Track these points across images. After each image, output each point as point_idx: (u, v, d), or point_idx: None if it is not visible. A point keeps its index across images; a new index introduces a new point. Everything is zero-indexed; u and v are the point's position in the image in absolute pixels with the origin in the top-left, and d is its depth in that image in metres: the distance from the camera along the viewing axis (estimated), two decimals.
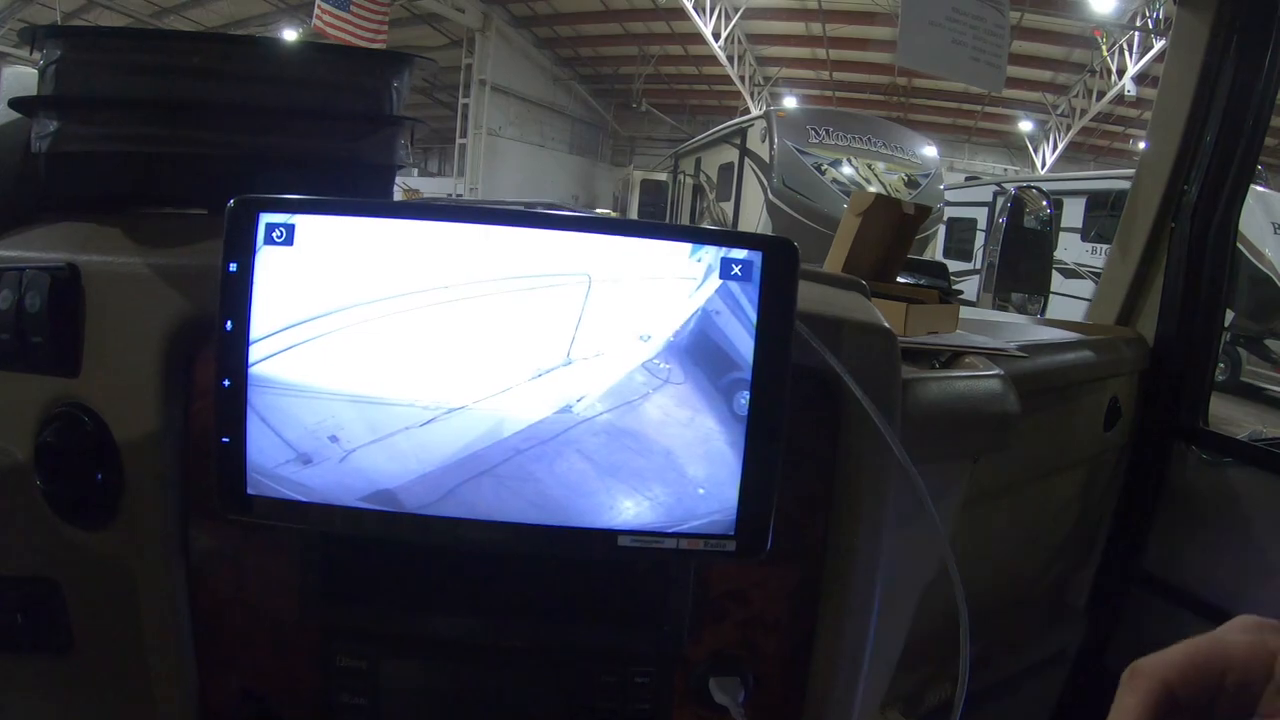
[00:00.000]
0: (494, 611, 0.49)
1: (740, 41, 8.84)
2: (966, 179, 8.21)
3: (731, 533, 0.42)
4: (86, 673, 0.55)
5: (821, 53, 9.06)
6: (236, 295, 0.42)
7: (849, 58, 9.11)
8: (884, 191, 4.45)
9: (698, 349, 0.42)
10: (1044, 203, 1.11)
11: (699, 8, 7.79)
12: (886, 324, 0.51)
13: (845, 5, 7.64)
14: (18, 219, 0.56)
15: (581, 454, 0.42)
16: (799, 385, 0.48)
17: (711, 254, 0.42)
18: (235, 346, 0.42)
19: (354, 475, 0.42)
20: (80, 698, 0.56)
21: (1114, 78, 8.66)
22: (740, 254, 0.42)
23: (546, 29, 9.16)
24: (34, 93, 0.57)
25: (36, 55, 0.55)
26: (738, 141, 6.66)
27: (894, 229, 0.95)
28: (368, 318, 0.41)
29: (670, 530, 0.42)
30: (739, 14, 8.16)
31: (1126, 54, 8.32)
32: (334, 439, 0.42)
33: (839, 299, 0.53)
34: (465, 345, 0.41)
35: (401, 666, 0.49)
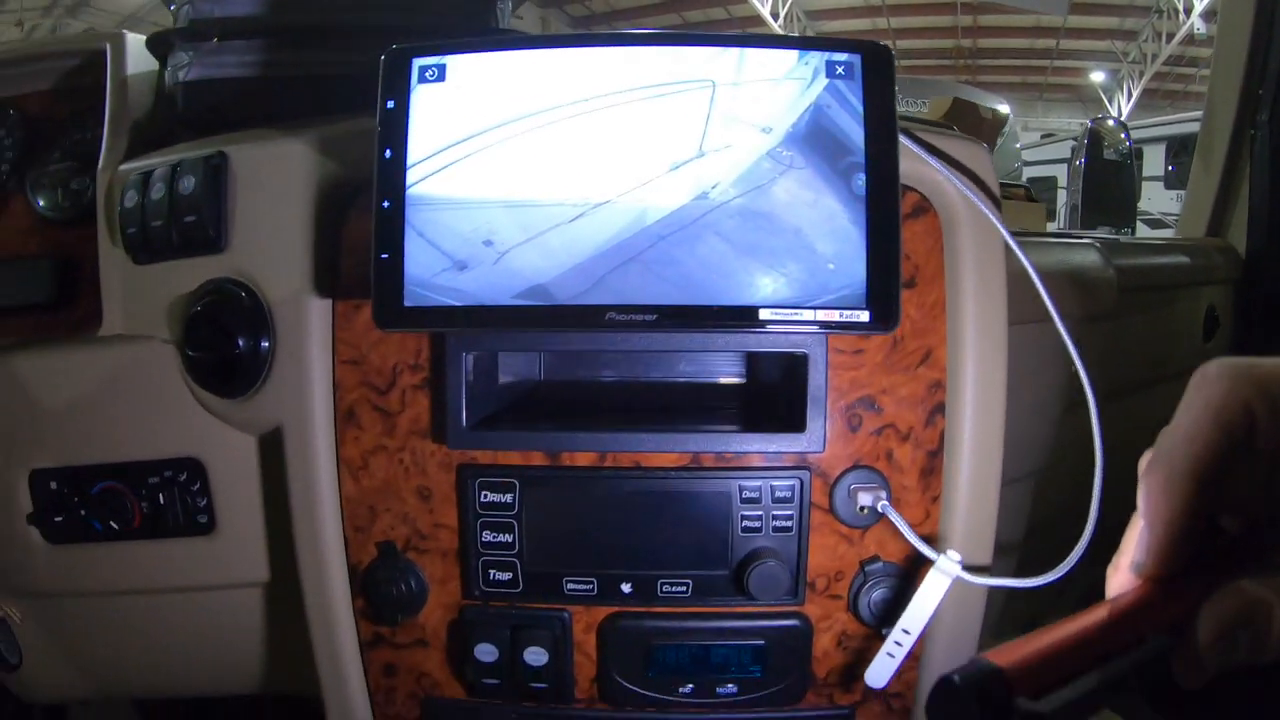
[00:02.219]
0: (635, 425, 0.50)
1: (799, 19, 8.48)
2: (1042, 137, 7.81)
3: (863, 305, 0.45)
4: (229, 553, 0.57)
5: (882, 22, 8.73)
6: (394, 127, 0.46)
7: (910, 25, 8.80)
8: None
9: (815, 138, 0.46)
10: (1122, 135, 1.08)
11: None
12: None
13: None
14: (158, 146, 0.62)
15: (719, 236, 0.45)
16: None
17: (817, 58, 0.46)
18: (394, 171, 0.46)
19: (508, 274, 0.45)
20: (225, 579, 0.57)
21: (1181, 17, 8.20)
22: (841, 56, 0.46)
23: (605, 26, 9.15)
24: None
25: None
26: None
27: (975, 133, 0.97)
28: (516, 133, 0.46)
29: (807, 304, 0.45)
30: None
31: None
32: (488, 243, 0.45)
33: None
34: (606, 147, 0.45)
35: (544, 495, 0.51)
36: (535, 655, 0.52)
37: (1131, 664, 0.23)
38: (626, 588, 0.51)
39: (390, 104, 0.46)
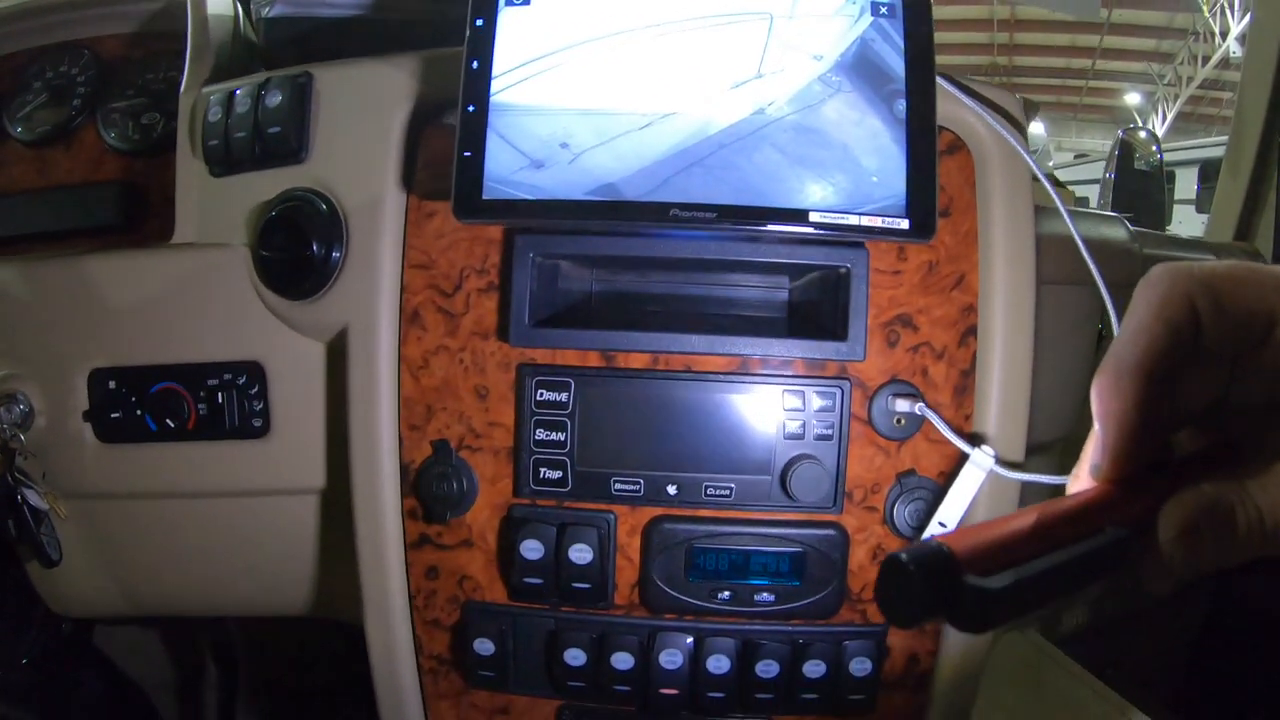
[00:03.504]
0: (687, 328, 0.53)
1: None
2: (1075, 157, 7.66)
3: (904, 214, 0.49)
4: (283, 456, 0.58)
5: None
6: (481, 42, 0.51)
7: (948, 40, 8.72)
8: None
9: (861, 66, 0.51)
10: (1153, 147, 1.07)
11: None
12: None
13: None
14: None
15: (775, 147, 0.49)
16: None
17: None
18: (479, 80, 0.50)
19: (581, 174, 0.49)
20: (277, 484, 0.58)
21: (1218, 40, 8.11)
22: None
23: None
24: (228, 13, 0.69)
25: None
26: None
27: None
28: (592, 51, 0.50)
29: (853, 210, 0.49)
30: None
31: (1229, 13, 7.78)
32: (564, 145, 0.49)
33: None
34: (674, 66, 0.50)
35: (597, 394, 0.53)
36: (580, 553, 0.53)
37: (1088, 551, 0.22)
38: (672, 490, 0.53)
39: (479, 22, 0.51)
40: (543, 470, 0.54)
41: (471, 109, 0.50)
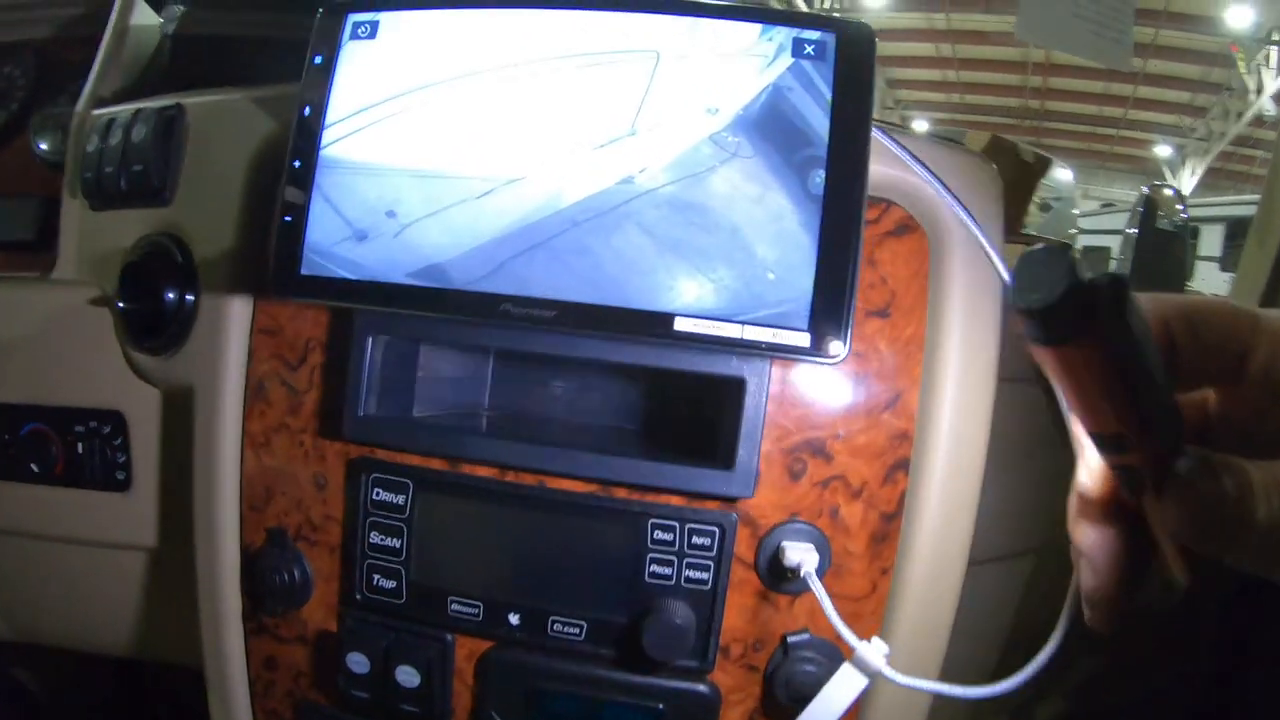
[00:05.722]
0: (541, 439, 0.45)
1: None
2: (1102, 206, 7.55)
3: (805, 325, 0.38)
4: (142, 512, 0.55)
5: (952, 74, 8.71)
6: (317, 84, 0.43)
7: (980, 80, 8.77)
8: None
9: (769, 123, 0.39)
10: (1178, 206, 1.03)
11: None
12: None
13: (975, 25, 7.32)
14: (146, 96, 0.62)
15: (641, 227, 0.39)
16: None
17: (783, 34, 0.40)
18: (310, 130, 0.43)
19: (406, 250, 0.41)
20: (135, 538, 0.55)
21: (1251, 97, 8.00)
22: (813, 35, 0.39)
23: None
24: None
25: None
26: None
27: (1011, 176, 0.89)
28: (436, 97, 0.41)
29: (734, 317, 0.38)
30: None
31: (1265, 71, 7.67)
32: (391, 214, 0.41)
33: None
34: (528, 118, 0.40)
35: (439, 501, 0.46)
36: (407, 676, 0.46)
37: None
38: (514, 618, 0.45)
39: (318, 59, 0.43)
40: (375, 578, 0.47)
41: (298, 164, 0.43)
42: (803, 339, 0.38)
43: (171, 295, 0.50)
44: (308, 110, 0.43)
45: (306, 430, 0.48)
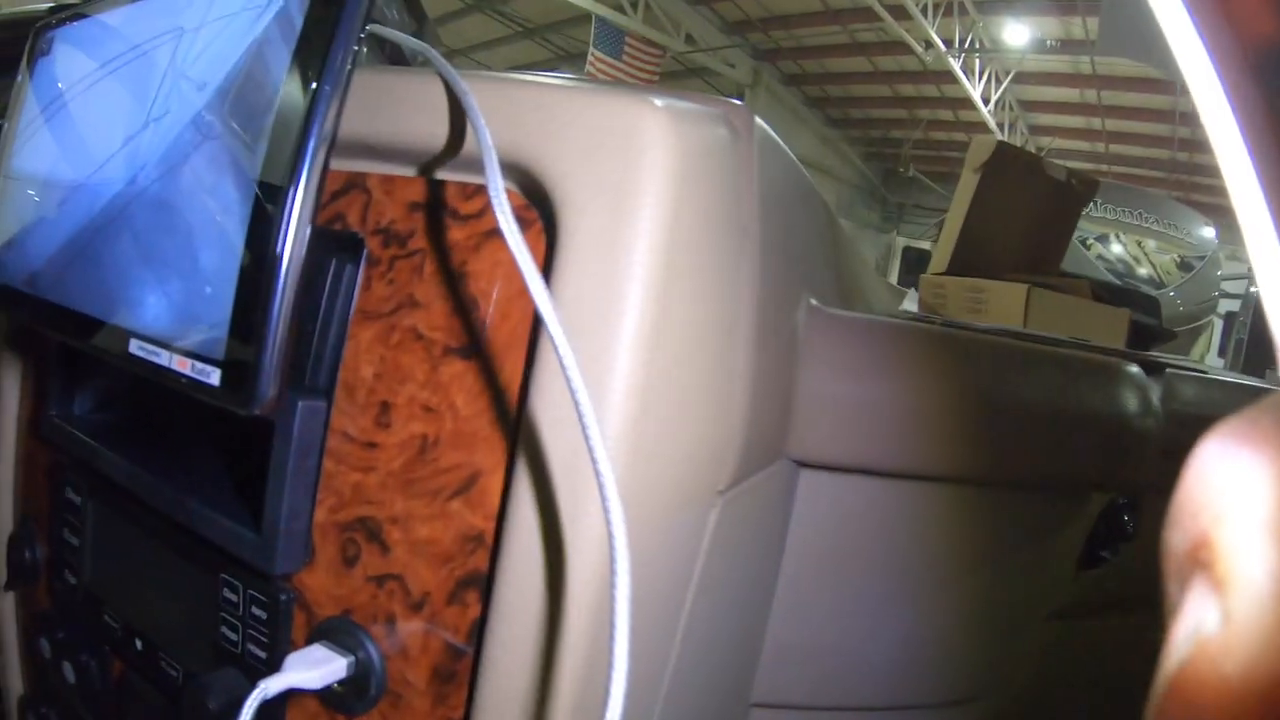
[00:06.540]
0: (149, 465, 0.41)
1: (1012, 108, 7.63)
2: (1249, 269, 5.26)
3: (220, 355, 0.29)
4: None
5: (1097, 122, 7.62)
6: (15, 99, 0.45)
7: (1126, 129, 7.66)
8: (1154, 275, 3.10)
9: (241, 92, 0.30)
10: None
11: (968, 70, 6.87)
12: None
13: (1122, 71, 6.32)
14: None
15: (131, 232, 0.34)
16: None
17: None
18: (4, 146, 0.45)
19: (20, 257, 0.41)
20: None
21: None
22: None
23: (816, 88, 8.55)
24: None
25: None
26: None
27: (1042, 201, 0.67)
28: (67, 105, 0.41)
29: (174, 341, 0.31)
30: (1009, 78, 7.10)
31: None
32: (20, 221, 0.42)
33: None
34: (96, 121, 0.38)
35: (101, 508, 0.45)
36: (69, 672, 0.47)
37: None
38: (139, 644, 0.43)
39: (20, 78, 0.46)
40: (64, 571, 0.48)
41: None
42: (213, 374, 0.29)
43: None
44: (5, 126, 0.46)
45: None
